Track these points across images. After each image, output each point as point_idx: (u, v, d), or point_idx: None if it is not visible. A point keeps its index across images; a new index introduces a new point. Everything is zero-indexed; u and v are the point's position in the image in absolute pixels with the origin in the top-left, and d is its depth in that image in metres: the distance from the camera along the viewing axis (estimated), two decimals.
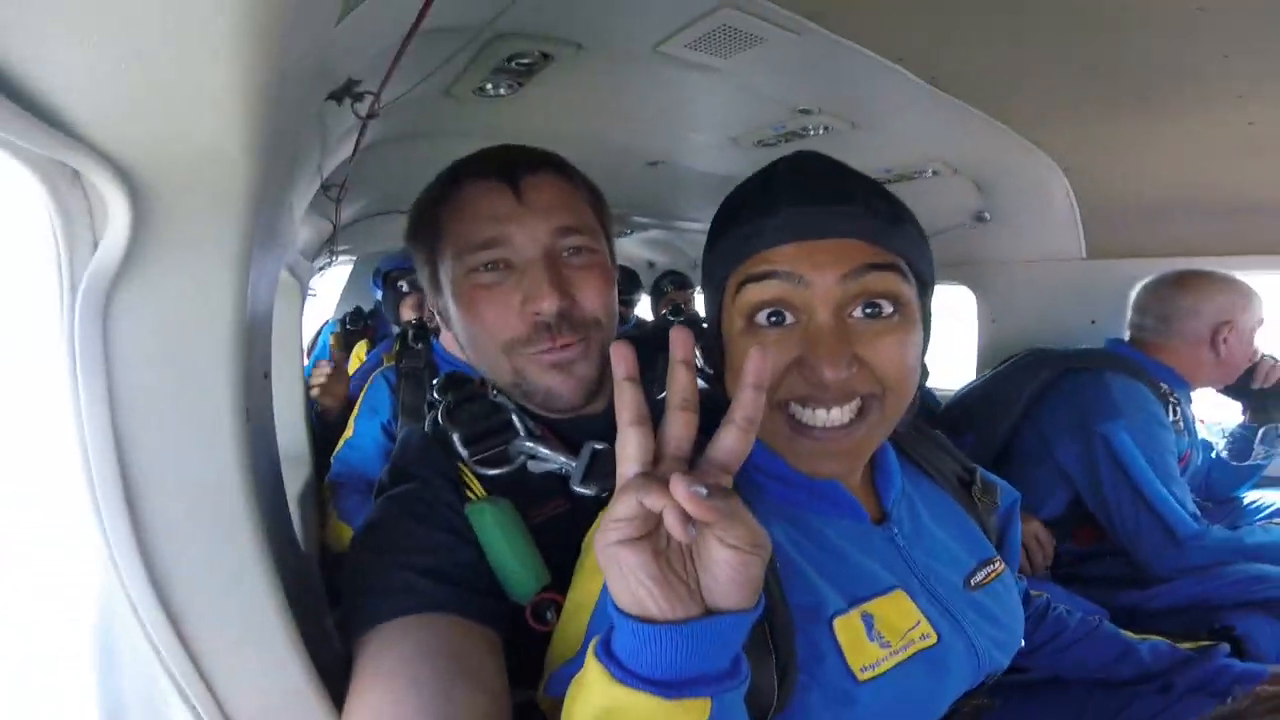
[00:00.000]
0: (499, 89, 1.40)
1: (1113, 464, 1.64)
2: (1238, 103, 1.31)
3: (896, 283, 0.69)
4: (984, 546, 0.88)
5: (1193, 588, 1.60)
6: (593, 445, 0.81)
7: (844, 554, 0.75)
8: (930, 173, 1.99)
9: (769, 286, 0.68)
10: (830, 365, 0.64)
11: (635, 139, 1.95)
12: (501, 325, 0.85)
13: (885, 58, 1.22)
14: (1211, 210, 1.81)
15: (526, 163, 0.88)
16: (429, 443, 0.89)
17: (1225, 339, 1.74)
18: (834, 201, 0.69)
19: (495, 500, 0.80)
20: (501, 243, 0.84)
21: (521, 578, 0.76)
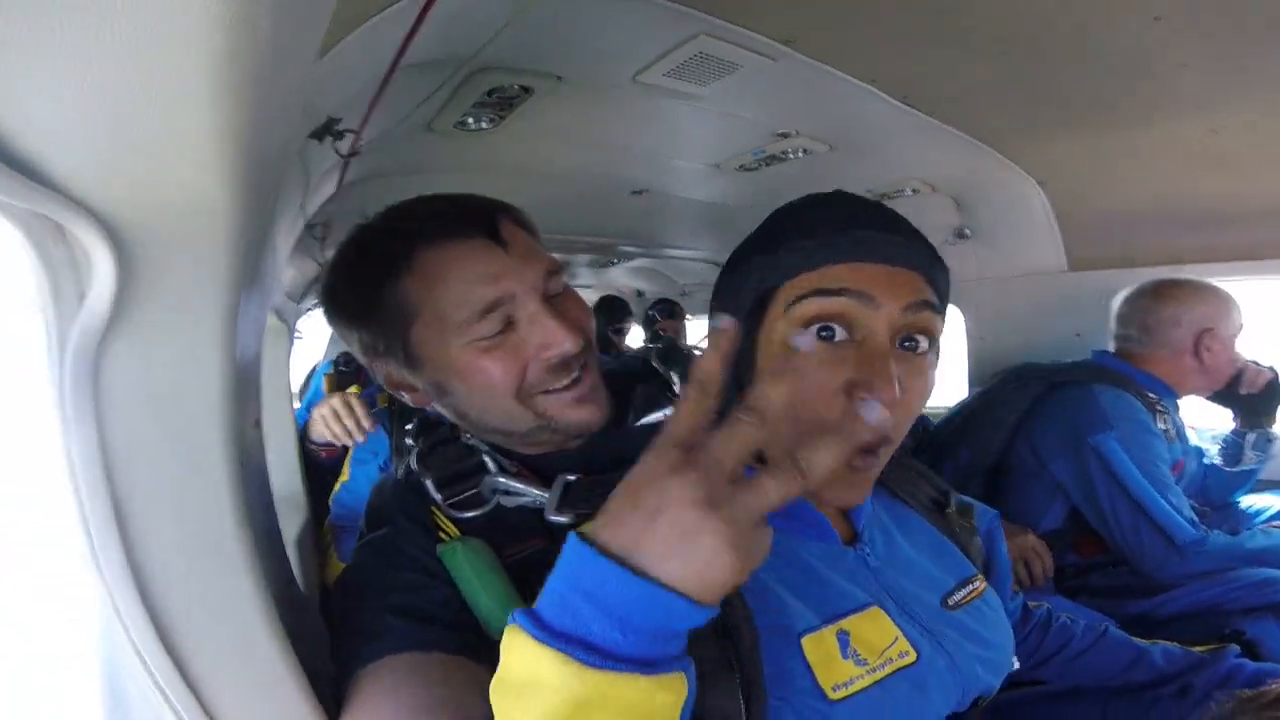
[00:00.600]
0: (480, 123, 1.43)
1: (1106, 475, 1.64)
2: (1199, 112, 1.35)
3: (938, 322, 0.71)
4: (963, 565, 0.88)
5: (1200, 593, 1.58)
6: (565, 478, 0.80)
7: (817, 572, 0.74)
8: (910, 191, 2.02)
9: (837, 302, 0.68)
10: (888, 388, 0.64)
11: (618, 168, 1.98)
12: (515, 377, 0.82)
13: (859, 79, 1.25)
14: (1183, 219, 1.84)
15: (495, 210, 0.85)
16: (402, 489, 0.88)
17: (1208, 346, 1.75)
18: (907, 233, 0.71)
19: (467, 540, 0.79)
20: (504, 303, 0.80)
21: (496, 614, 0.74)
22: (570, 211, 2.38)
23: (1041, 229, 2.08)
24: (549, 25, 1.09)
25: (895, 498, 0.92)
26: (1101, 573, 1.77)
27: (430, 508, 0.83)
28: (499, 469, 0.85)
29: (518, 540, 0.81)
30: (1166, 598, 1.62)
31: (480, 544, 0.78)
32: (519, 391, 0.82)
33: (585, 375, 0.86)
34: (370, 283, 0.83)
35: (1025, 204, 1.99)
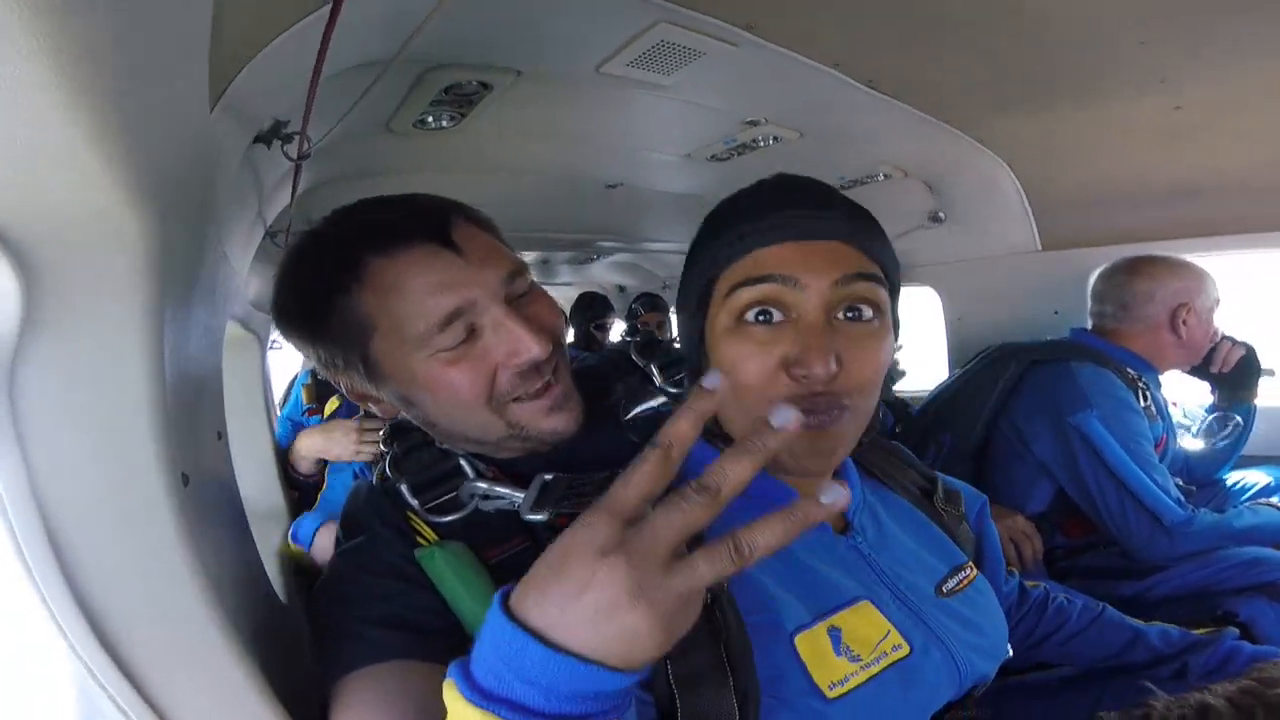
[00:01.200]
0: (440, 121, 1.40)
1: (1090, 455, 1.62)
2: (1162, 88, 1.35)
3: (879, 291, 0.71)
4: (954, 553, 0.87)
5: (1191, 574, 1.58)
6: (543, 476, 0.79)
7: (807, 566, 0.73)
8: (882, 176, 2.02)
9: (764, 289, 0.70)
10: (820, 361, 0.65)
11: (591, 163, 1.96)
12: (484, 387, 0.79)
13: (822, 64, 1.23)
14: (1152, 196, 1.86)
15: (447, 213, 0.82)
16: (376, 495, 0.85)
17: (1184, 320, 1.74)
18: (824, 206, 0.72)
19: (446, 544, 0.77)
20: (464, 311, 0.77)
21: (479, 617, 0.73)
22: (545, 208, 2.36)
23: (1013, 210, 2.08)
24: (502, 19, 1.08)
25: (883, 485, 0.91)
26: (1091, 554, 1.77)
27: (406, 513, 0.82)
28: (476, 473, 0.83)
29: (499, 541, 0.79)
30: (1157, 579, 1.62)
31: (460, 547, 0.76)
32: (490, 401, 0.80)
33: (556, 381, 0.84)
34: (319, 295, 0.80)
35: (996, 185, 1.99)
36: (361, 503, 0.85)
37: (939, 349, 2.63)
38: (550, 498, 0.76)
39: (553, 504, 0.75)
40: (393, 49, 1.08)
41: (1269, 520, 1.63)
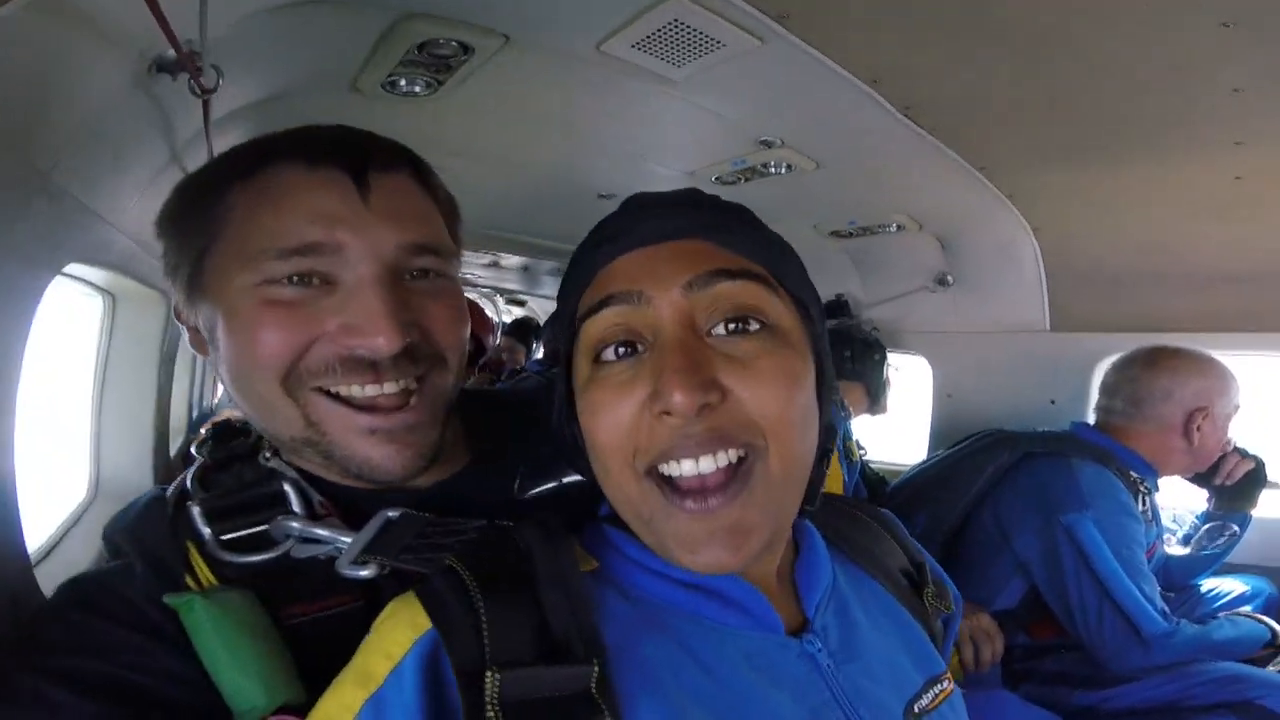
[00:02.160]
0: (414, 85, 1.23)
1: (1077, 558, 1.50)
2: (1231, 151, 1.21)
3: (761, 294, 0.56)
4: (932, 660, 0.70)
5: (1161, 688, 1.48)
6: (386, 514, 0.64)
7: (744, 683, 0.56)
8: (895, 228, 1.89)
9: (607, 315, 0.55)
10: (680, 386, 0.49)
11: (583, 166, 1.81)
12: (292, 350, 0.63)
13: (857, 77, 1.07)
14: (1184, 280, 1.73)
15: (382, 152, 0.68)
16: (153, 512, 0.68)
17: (1199, 426, 1.61)
18: (668, 204, 0.58)
19: (217, 592, 0.61)
20: (327, 251, 0.62)
21: (242, 691, 0.57)
22: (530, 210, 2.22)
23: (1028, 280, 1.97)
24: None
25: (857, 565, 0.73)
26: (1054, 658, 1.66)
27: (187, 544, 0.65)
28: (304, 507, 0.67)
29: (313, 597, 0.64)
30: (1121, 690, 1.53)
31: (239, 597, 0.61)
32: (287, 374, 0.63)
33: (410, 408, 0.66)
34: (202, 188, 0.67)
35: (1015, 251, 1.87)
36: (129, 520, 0.67)
37: (915, 424, 2.51)
38: (390, 544, 0.62)
39: (391, 553, 0.61)
40: None
41: (1249, 633, 1.56)
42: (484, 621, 0.49)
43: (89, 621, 0.58)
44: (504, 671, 0.46)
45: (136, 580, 0.61)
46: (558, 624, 0.50)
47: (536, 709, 0.46)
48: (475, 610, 0.49)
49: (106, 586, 0.61)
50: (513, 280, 4.02)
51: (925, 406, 2.48)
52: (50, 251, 0.87)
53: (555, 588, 0.52)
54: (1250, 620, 1.60)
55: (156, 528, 0.65)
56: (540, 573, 0.53)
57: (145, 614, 0.59)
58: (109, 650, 0.57)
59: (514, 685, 0.46)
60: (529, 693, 0.47)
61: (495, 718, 0.45)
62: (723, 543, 0.52)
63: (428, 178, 0.73)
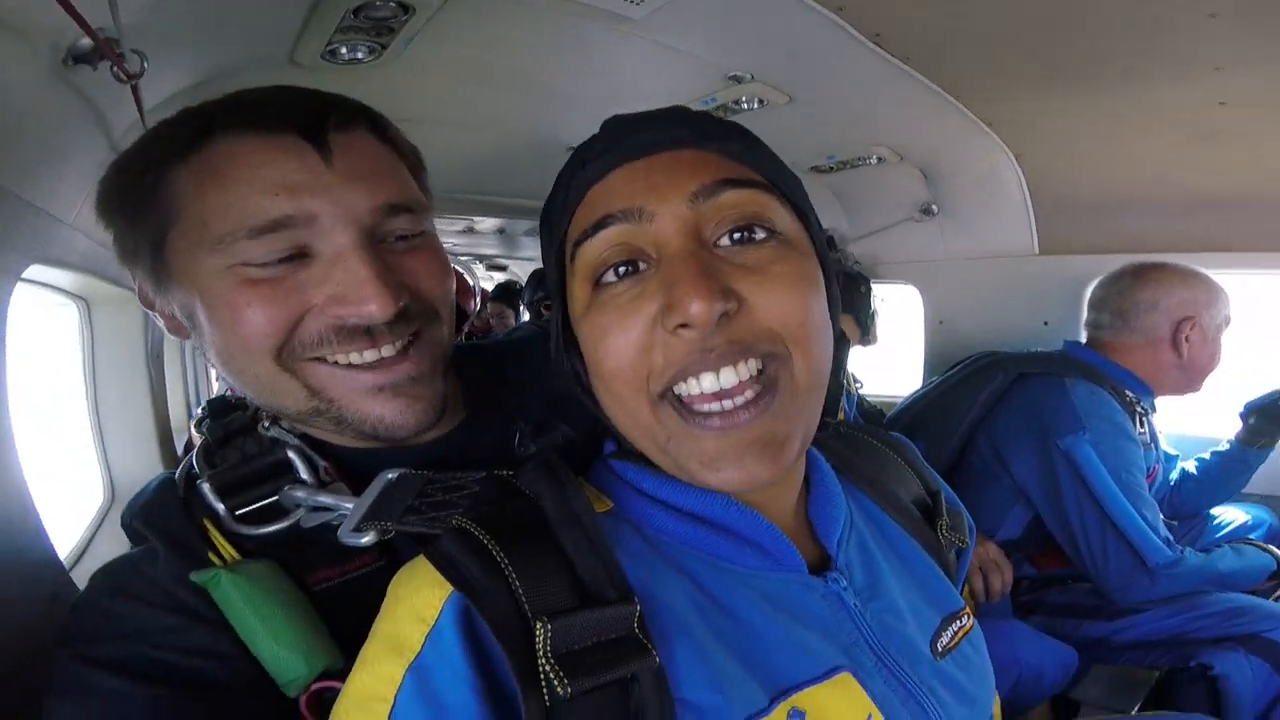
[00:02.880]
0: (355, 52, 1.16)
1: (1076, 483, 1.47)
2: (1212, 77, 1.17)
3: (767, 202, 0.53)
4: (950, 596, 0.67)
5: (1167, 620, 1.47)
6: (386, 475, 0.62)
7: (769, 623, 0.54)
8: (875, 159, 1.83)
9: (606, 235, 0.51)
10: (698, 294, 0.47)
11: (549, 119, 1.73)
12: (280, 328, 0.60)
13: (823, 6, 1.02)
14: (1171, 203, 1.69)
15: (338, 110, 0.63)
16: (167, 495, 0.67)
17: (1187, 337, 1.57)
18: (659, 118, 0.55)
19: (242, 565, 0.60)
20: (300, 224, 0.59)
21: (282, 661, 0.57)
22: (499, 170, 2.14)
23: (1014, 208, 1.92)
24: None
25: (869, 499, 0.70)
26: (1060, 589, 1.66)
27: (205, 521, 0.65)
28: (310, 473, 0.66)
29: (336, 561, 0.64)
30: (1128, 622, 1.52)
31: (264, 568, 0.61)
32: (280, 352, 0.61)
33: (409, 359, 0.65)
34: (143, 167, 0.62)
35: (998, 178, 1.82)
36: (141, 504, 0.67)
37: (908, 353, 2.49)
38: (392, 505, 0.59)
39: (394, 516, 0.58)
40: None
41: (1254, 563, 1.53)
42: (512, 575, 0.47)
43: (124, 607, 0.59)
44: (554, 621, 0.45)
45: (161, 562, 0.61)
46: (584, 568, 0.49)
47: (587, 656, 0.45)
48: (499, 566, 0.47)
49: (135, 570, 0.62)
50: (490, 245, 3.95)
51: (918, 338, 2.45)
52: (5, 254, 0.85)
53: (573, 530, 0.51)
54: (1255, 550, 1.57)
55: (171, 509, 0.65)
56: (554, 518, 0.52)
57: (175, 595, 0.59)
58: (147, 634, 0.57)
59: (563, 634, 0.45)
60: (577, 640, 0.45)
61: (550, 669, 0.44)
62: (756, 455, 0.50)
63: (387, 130, 0.69)
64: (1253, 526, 1.79)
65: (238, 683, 0.57)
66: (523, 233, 3.54)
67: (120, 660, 0.55)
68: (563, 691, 0.43)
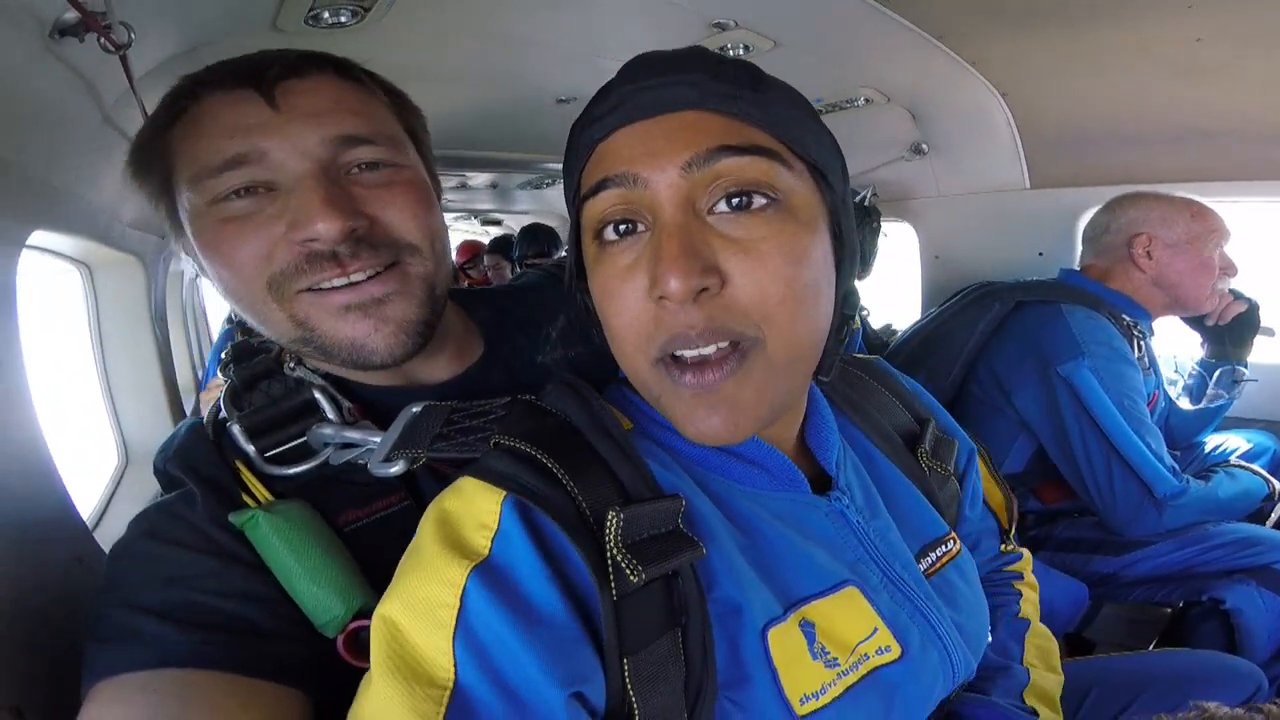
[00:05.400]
0: (339, 15, 1.16)
1: (1078, 410, 1.45)
2: (1187, 14, 1.17)
3: (768, 168, 0.52)
4: (933, 522, 0.72)
5: (1175, 553, 1.45)
6: (411, 409, 0.64)
7: (779, 538, 0.59)
8: (862, 100, 1.81)
9: (605, 197, 0.53)
10: (676, 272, 0.48)
11: (536, 71, 1.72)
12: (260, 258, 0.65)
13: None
14: (1157, 136, 1.68)
15: (283, 63, 0.68)
16: (198, 438, 0.70)
17: (1148, 252, 1.58)
18: (669, 70, 0.53)
19: (277, 505, 0.63)
20: (251, 160, 0.64)
21: (320, 602, 0.59)
22: (486, 123, 2.12)
23: (1003, 144, 1.91)
24: None
25: (854, 425, 0.74)
26: (1066, 523, 1.63)
27: (236, 463, 0.67)
28: (336, 413, 0.68)
29: (363, 501, 0.67)
30: (1136, 556, 1.49)
31: (298, 509, 0.63)
32: (272, 282, 0.65)
33: (376, 279, 0.67)
34: (151, 133, 0.70)
35: (986, 117, 1.81)
36: (175, 449, 0.69)
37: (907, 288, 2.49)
38: (418, 437, 0.61)
39: (422, 444, 0.60)
40: None
41: (1250, 486, 1.53)
42: (566, 479, 0.50)
43: (162, 551, 0.60)
44: (625, 509, 0.48)
45: (198, 505, 0.63)
46: (623, 473, 0.52)
47: (647, 546, 0.48)
48: (551, 472, 0.50)
49: (172, 514, 0.63)
50: (484, 200, 3.92)
51: (915, 274, 2.46)
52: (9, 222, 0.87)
53: (605, 440, 0.54)
54: (1246, 472, 1.57)
55: (204, 452, 0.68)
56: (586, 430, 0.55)
57: (212, 537, 0.61)
58: (186, 578, 0.59)
59: (629, 524, 0.48)
60: (637, 532, 0.49)
61: (620, 557, 0.47)
62: (721, 415, 0.52)
63: (355, 73, 0.73)
64: (1257, 454, 1.74)
65: (276, 626, 0.59)
66: (515, 186, 3.51)
67: (163, 605, 0.57)
68: (636, 578, 0.47)
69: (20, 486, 0.73)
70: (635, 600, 0.48)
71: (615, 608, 0.47)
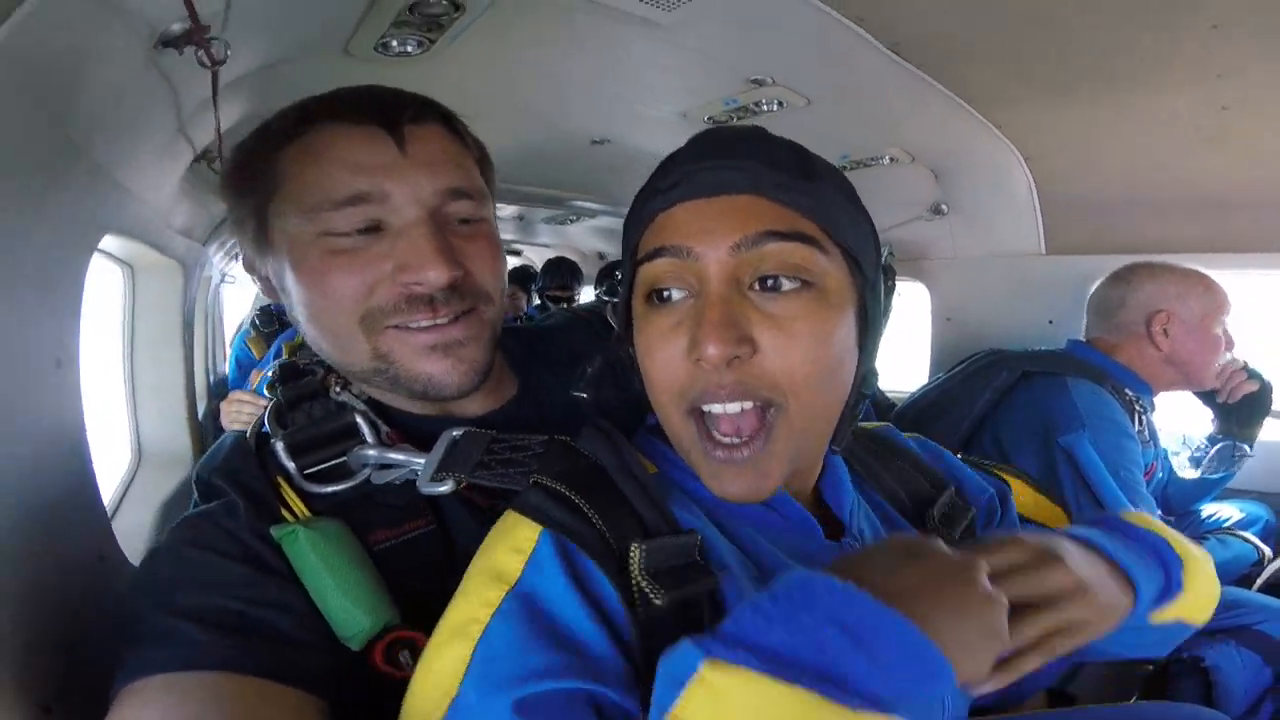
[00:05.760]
0: (406, 46, 1.22)
1: (1075, 478, 1.50)
2: (1214, 84, 1.22)
3: (807, 254, 0.58)
4: None
5: None
6: (451, 433, 0.69)
7: None
8: (888, 159, 1.87)
9: (660, 264, 0.59)
10: (714, 340, 0.55)
11: (576, 113, 1.79)
12: (361, 294, 0.69)
13: (845, 16, 1.08)
14: (1176, 205, 1.73)
15: (412, 107, 0.73)
16: (242, 452, 0.73)
17: (1165, 331, 1.60)
18: (729, 154, 0.59)
19: (315, 522, 0.65)
20: (375, 200, 0.68)
21: (349, 615, 0.62)
22: (523, 159, 2.19)
23: (1022, 207, 1.96)
24: None
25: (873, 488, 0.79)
26: None
27: (277, 479, 0.69)
28: (375, 436, 0.72)
29: (392, 523, 0.70)
30: None
31: (335, 527, 0.66)
32: (366, 316, 0.69)
33: (458, 324, 0.72)
34: (257, 149, 0.73)
35: (1007, 179, 1.86)
36: (220, 460, 0.71)
37: (916, 349, 2.52)
38: (461, 461, 0.67)
39: (466, 469, 0.66)
40: None
41: (1239, 552, 1.59)
42: (594, 516, 0.55)
43: (201, 557, 0.62)
44: (648, 541, 0.53)
45: (241, 515, 0.65)
46: (644, 512, 0.57)
47: (668, 575, 0.53)
48: (581, 509, 0.56)
49: (216, 523, 0.65)
50: (507, 230, 4.01)
51: (925, 333, 2.49)
52: (87, 224, 0.90)
53: (630, 482, 0.59)
54: (1238, 540, 1.61)
55: (248, 466, 0.70)
56: (614, 473, 0.60)
57: (251, 547, 0.63)
58: (222, 584, 0.60)
59: (651, 555, 0.54)
60: (659, 562, 0.54)
61: (645, 583, 0.52)
62: (747, 479, 0.59)
63: (457, 128, 0.79)
64: (1249, 523, 1.80)
65: (305, 636, 0.61)
66: (540, 220, 3.59)
67: (200, 609, 0.58)
68: (660, 602, 0.51)
69: (60, 485, 0.75)
70: (661, 623, 0.52)
71: (643, 629, 0.52)
